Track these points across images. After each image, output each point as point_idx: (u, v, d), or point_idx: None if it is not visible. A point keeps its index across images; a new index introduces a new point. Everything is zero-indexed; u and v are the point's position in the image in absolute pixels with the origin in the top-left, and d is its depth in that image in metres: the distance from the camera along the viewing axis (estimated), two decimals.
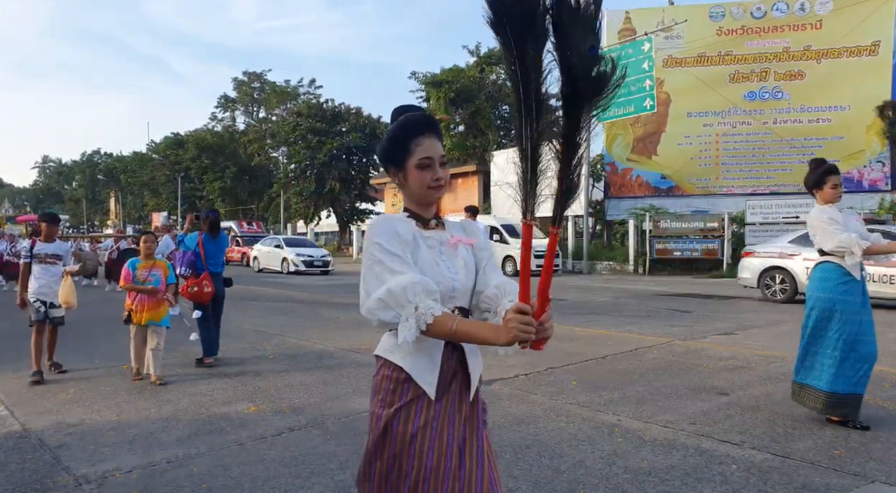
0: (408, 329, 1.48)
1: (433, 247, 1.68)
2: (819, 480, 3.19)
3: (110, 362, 6.38)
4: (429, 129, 1.69)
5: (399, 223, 1.65)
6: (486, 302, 1.72)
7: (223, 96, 55.99)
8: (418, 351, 1.57)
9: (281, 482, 3.23)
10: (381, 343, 1.70)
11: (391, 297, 1.49)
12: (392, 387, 1.61)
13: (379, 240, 1.57)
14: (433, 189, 1.68)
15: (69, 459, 3.61)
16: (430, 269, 1.62)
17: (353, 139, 35.54)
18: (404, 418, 1.59)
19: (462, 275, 1.69)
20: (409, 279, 1.50)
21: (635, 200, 23.64)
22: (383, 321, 1.52)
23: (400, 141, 1.67)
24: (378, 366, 1.68)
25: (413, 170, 1.66)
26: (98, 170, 77.96)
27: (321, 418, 4.37)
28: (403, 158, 1.67)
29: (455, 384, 1.65)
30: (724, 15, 23.08)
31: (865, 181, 21.60)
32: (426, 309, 1.48)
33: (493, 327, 1.51)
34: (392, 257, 1.55)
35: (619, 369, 5.86)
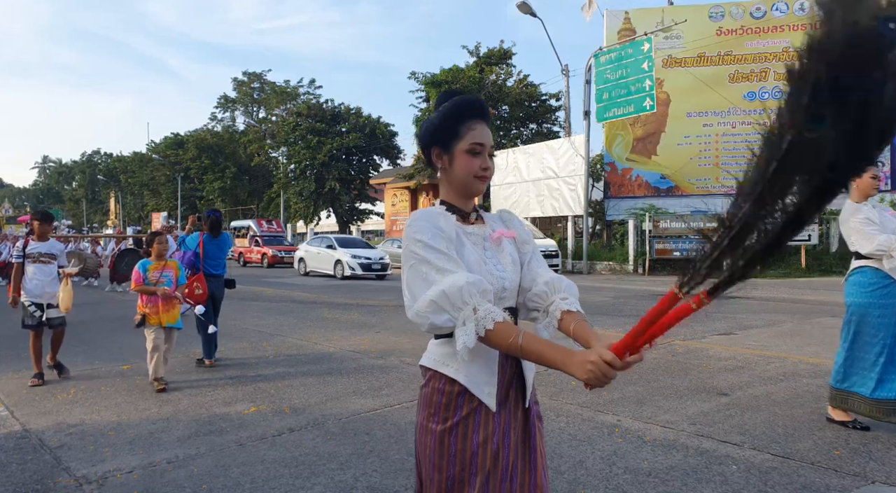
0: (466, 335, 1.35)
1: (477, 243, 1.57)
2: (819, 480, 3.19)
3: (110, 363, 6.38)
4: (483, 115, 1.58)
5: (440, 218, 1.51)
6: (536, 300, 1.61)
7: (223, 96, 55.93)
8: (473, 359, 1.44)
9: (281, 483, 3.23)
10: (428, 353, 1.58)
11: (445, 299, 1.36)
12: (445, 401, 1.49)
13: (422, 237, 1.45)
14: (479, 179, 1.57)
15: (70, 459, 3.61)
16: (478, 268, 1.50)
17: (353, 139, 35.52)
18: (462, 434, 1.46)
19: (510, 272, 1.58)
20: (463, 279, 1.37)
21: (635, 200, 23.64)
22: (436, 326, 1.39)
23: (452, 121, 1.56)
24: (426, 377, 1.56)
25: (461, 155, 1.55)
26: (98, 170, 77.89)
27: (321, 418, 4.38)
28: (452, 141, 1.56)
29: (512, 393, 1.54)
30: (723, 15, 23.08)
31: None
32: (485, 313, 1.36)
33: (566, 354, 1.33)
34: (438, 255, 1.42)
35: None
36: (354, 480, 3.26)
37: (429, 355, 1.57)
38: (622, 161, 24.67)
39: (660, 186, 24.19)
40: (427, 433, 1.51)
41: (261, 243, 28.78)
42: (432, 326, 1.39)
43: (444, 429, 1.47)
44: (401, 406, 4.66)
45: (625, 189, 24.66)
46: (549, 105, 31.52)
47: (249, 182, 48.90)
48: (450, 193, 1.62)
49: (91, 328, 8.71)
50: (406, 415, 4.42)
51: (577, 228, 24.45)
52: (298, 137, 36.67)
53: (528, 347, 1.36)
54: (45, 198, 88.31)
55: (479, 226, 1.62)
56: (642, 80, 20.60)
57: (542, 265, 1.67)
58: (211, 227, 6.50)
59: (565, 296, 1.59)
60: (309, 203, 37.44)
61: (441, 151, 1.58)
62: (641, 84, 20.65)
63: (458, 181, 1.58)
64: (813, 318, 9.18)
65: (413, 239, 1.46)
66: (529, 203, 25.13)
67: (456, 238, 1.51)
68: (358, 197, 38.39)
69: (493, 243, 1.60)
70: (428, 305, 1.38)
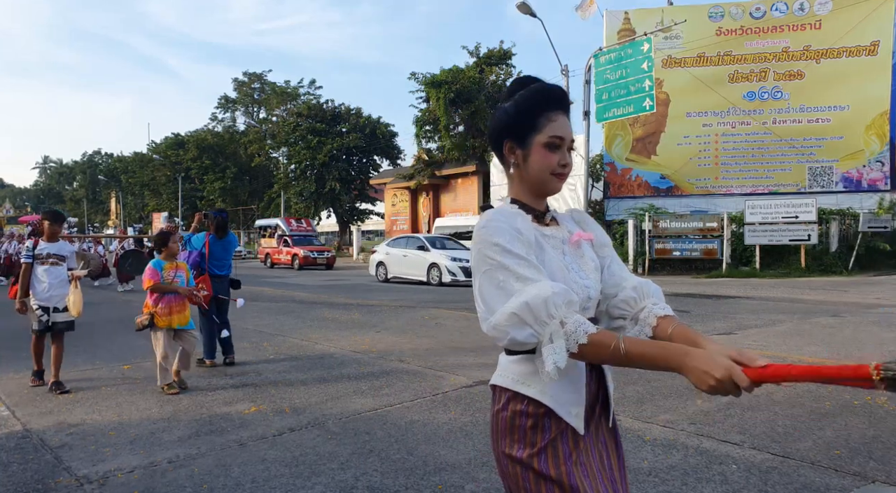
0: (556, 352, 1.21)
1: (556, 248, 1.42)
2: (819, 480, 3.19)
3: (111, 363, 6.39)
4: (564, 105, 1.43)
5: (518, 218, 1.35)
6: (623, 307, 1.47)
7: (223, 97, 55.97)
8: (558, 378, 1.27)
9: (282, 482, 3.23)
10: (502, 371, 1.41)
11: (528, 311, 1.21)
12: (530, 425, 1.33)
13: (499, 240, 1.29)
14: (557, 177, 1.42)
15: (71, 459, 3.62)
16: (561, 275, 1.35)
17: (353, 139, 35.54)
18: (552, 461, 1.32)
19: (594, 280, 1.43)
20: (548, 289, 1.23)
21: (635, 200, 23.65)
22: (517, 341, 1.25)
23: (530, 112, 1.40)
24: (502, 400, 1.39)
25: (539, 149, 1.40)
26: (99, 170, 77.92)
27: (322, 418, 4.38)
28: (529, 134, 1.40)
29: (597, 410, 1.42)
30: (723, 15, 23.09)
31: (865, 181, 21.59)
32: (576, 326, 1.21)
33: (681, 353, 1.17)
34: (518, 262, 1.27)
35: (619, 369, 5.85)
36: (355, 479, 3.26)
37: (503, 373, 1.40)
38: (622, 161, 24.68)
39: (659, 186, 24.19)
40: (515, 462, 1.35)
41: (291, 244, 27.09)
42: (512, 341, 1.25)
43: (533, 454, 1.32)
44: (401, 406, 4.67)
45: (624, 189, 24.66)
46: None
47: (250, 182, 48.93)
48: (522, 191, 1.46)
49: (92, 329, 8.71)
50: (406, 415, 4.43)
51: None
52: (299, 137, 36.69)
53: (632, 351, 1.20)
54: (45, 198, 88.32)
55: (556, 228, 1.47)
56: (642, 80, 20.60)
57: (623, 269, 1.53)
58: (217, 227, 6.47)
59: (656, 301, 1.45)
60: (309, 203, 37.47)
61: (515, 145, 1.43)
62: (641, 84, 20.64)
63: (533, 178, 1.43)
64: (812, 318, 9.18)
65: (488, 242, 1.30)
66: None
67: (535, 241, 1.35)
68: (358, 197, 38.43)
69: (573, 247, 1.46)
70: (508, 318, 1.23)
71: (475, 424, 4.19)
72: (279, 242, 28.21)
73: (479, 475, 3.30)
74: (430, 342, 7.40)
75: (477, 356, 6.52)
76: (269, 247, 28.91)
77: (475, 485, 3.16)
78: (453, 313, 10.45)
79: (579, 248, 1.46)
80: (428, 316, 10.03)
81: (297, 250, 26.21)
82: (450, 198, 32.24)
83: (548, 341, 1.22)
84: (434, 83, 28.98)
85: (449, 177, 31.82)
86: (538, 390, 1.33)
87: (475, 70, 30.23)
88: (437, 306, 11.38)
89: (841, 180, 21.72)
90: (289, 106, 46.89)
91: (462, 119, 30.10)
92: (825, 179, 21.84)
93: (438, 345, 7.22)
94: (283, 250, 27.12)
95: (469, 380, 5.47)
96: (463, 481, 3.22)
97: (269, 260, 28.16)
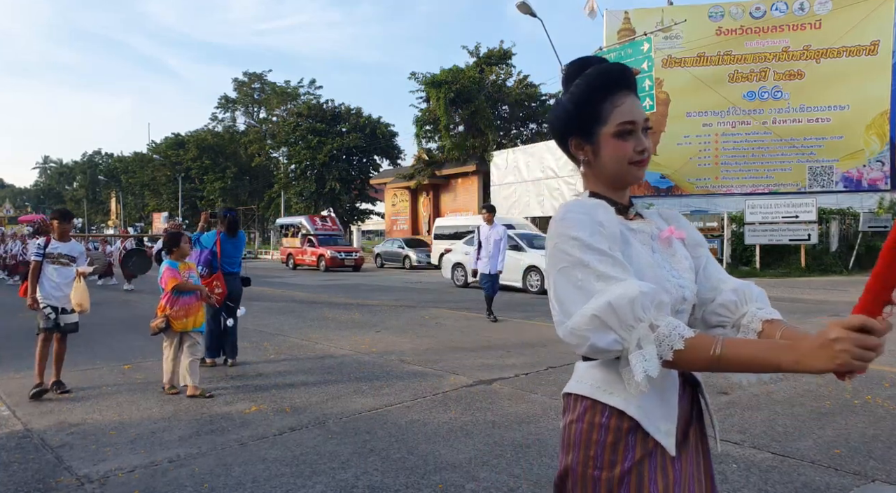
0: (647, 360, 1.06)
1: (645, 243, 1.27)
2: (819, 479, 3.20)
3: (112, 362, 6.39)
4: (628, 83, 1.27)
5: (600, 210, 1.20)
6: (722, 313, 1.32)
7: (223, 97, 55.94)
8: (647, 389, 1.11)
9: (282, 482, 3.24)
10: (579, 378, 1.27)
11: (611, 314, 1.07)
12: (612, 440, 1.16)
13: (578, 233, 1.15)
14: (635, 165, 1.26)
15: (71, 458, 3.62)
16: (651, 273, 1.20)
17: (354, 139, 35.55)
18: (636, 484, 1.14)
19: (689, 280, 1.28)
20: (635, 288, 1.08)
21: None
22: (598, 348, 1.09)
23: (591, 102, 1.26)
24: (577, 409, 1.24)
25: (609, 140, 1.25)
26: (99, 170, 77.94)
27: (322, 417, 4.39)
28: (594, 126, 1.26)
29: (691, 430, 1.25)
30: (723, 15, 23.09)
31: (865, 181, 21.59)
32: (670, 329, 1.06)
33: (788, 347, 1.01)
34: (601, 258, 1.13)
35: None
36: (355, 479, 3.26)
37: (581, 380, 1.26)
38: None
39: (659, 186, 24.19)
40: (589, 482, 1.17)
41: (316, 244, 25.39)
42: (593, 348, 1.10)
43: (614, 477, 1.15)
44: (402, 405, 4.67)
45: None
46: (548, 105, 31.51)
47: (250, 182, 48.93)
48: (599, 185, 1.32)
49: (92, 329, 8.71)
50: (407, 414, 4.43)
51: None
52: (299, 137, 36.71)
53: (732, 355, 1.03)
54: (45, 198, 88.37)
55: (643, 222, 1.32)
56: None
57: (721, 271, 1.38)
58: (228, 226, 6.51)
59: (761, 305, 1.29)
60: (310, 203, 37.46)
61: (581, 141, 1.29)
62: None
63: (609, 172, 1.28)
64: (812, 317, 9.19)
65: (566, 236, 1.16)
66: (529, 203, 25.14)
67: (620, 235, 1.21)
68: (358, 197, 38.43)
69: (663, 244, 1.30)
70: (588, 321, 1.08)
71: (475, 423, 4.19)
72: (303, 242, 26.46)
73: (480, 474, 3.30)
74: (430, 342, 7.40)
75: (477, 356, 6.52)
76: (292, 247, 27.31)
77: (476, 484, 3.17)
78: (454, 312, 10.46)
79: (670, 245, 1.31)
80: (428, 316, 10.03)
81: (323, 250, 24.62)
82: (450, 198, 32.24)
83: (635, 348, 1.07)
84: (434, 83, 28.98)
85: (449, 177, 31.83)
86: (622, 400, 1.16)
87: (475, 70, 30.25)
88: (437, 306, 11.39)
89: (841, 180, 21.72)
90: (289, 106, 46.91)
91: (462, 119, 30.11)
92: (825, 179, 21.84)
93: (439, 345, 7.23)
94: (307, 251, 25.42)
95: (469, 380, 5.47)
96: (463, 480, 3.22)
97: (292, 261, 26.67)
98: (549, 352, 6.73)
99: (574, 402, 1.25)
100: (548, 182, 24.22)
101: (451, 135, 29.91)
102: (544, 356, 6.48)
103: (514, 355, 6.60)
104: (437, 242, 24.51)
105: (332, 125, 36.61)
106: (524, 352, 6.76)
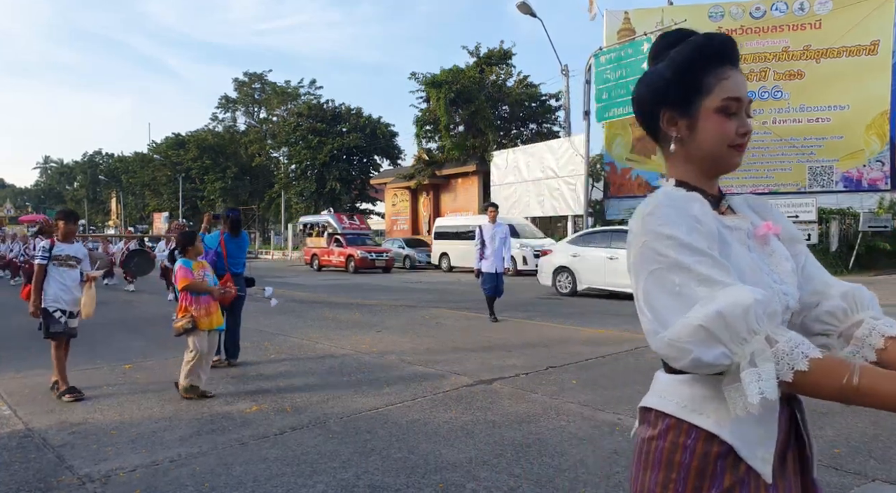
0: (763, 379, 0.92)
1: (743, 243, 1.12)
2: (819, 478, 3.19)
3: (112, 362, 6.39)
4: (733, 59, 1.15)
5: (695, 204, 1.07)
6: (827, 321, 1.16)
7: (224, 97, 55.98)
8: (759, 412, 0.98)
9: (283, 481, 3.24)
10: (663, 393, 1.14)
11: (721, 324, 0.93)
12: (698, 465, 1.04)
13: (673, 232, 1.02)
14: (735, 149, 1.13)
15: (72, 458, 3.63)
16: (754, 278, 1.06)
17: (354, 139, 35.58)
18: None
19: (791, 285, 1.13)
20: (748, 295, 0.94)
21: (635, 200, 23.64)
22: (702, 363, 0.95)
23: (694, 71, 1.12)
24: (659, 426, 1.11)
25: (710, 116, 1.12)
26: (99, 170, 77.98)
27: (323, 417, 4.39)
28: (694, 98, 1.13)
29: (789, 454, 1.12)
30: (723, 15, 23.10)
31: (865, 181, 21.60)
32: (791, 346, 0.93)
33: None
34: (701, 259, 1.00)
35: (620, 368, 5.87)
36: (356, 478, 3.27)
37: (664, 396, 1.13)
38: (622, 161, 24.70)
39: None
40: None
41: (344, 243, 23.73)
42: (695, 362, 0.96)
43: None
44: (402, 405, 4.68)
45: (624, 189, 24.68)
46: (548, 105, 31.55)
47: (250, 182, 48.96)
48: (688, 171, 1.17)
49: (94, 328, 8.72)
50: (407, 414, 4.44)
51: (577, 228, 24.44)
52: (299, 137, 36.74)
53: (873, 388, 0.89)
54: (46, 198, 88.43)
55: (737, 217, 1.17)
56: None
57: (824, 271, 1.23)
58: (231, 226, 6.49)
59: (875, 314, 1.14)
60: (310, 203, 37.49)
61: (675, 115, 1.16)
62: None
63: (704, 153, 1.14)
64: None
65: (658, 234, 1.03)
66: (529, 203, 25.16)
67: (718, 235, 1.07)
68: (358, 197, 38.47)
69: (759, 243, 1.15)
70: (693, 332, 0.95)
71: (476, 423, 4.20)
72: (329, 242, 24.88)
73: (481, 473, 3.31)
74: (430, 342, 7.41)
75: (478, 356, 6.53)
76: (317, 247, 25.64)
77: (476, 484, 3.17)
78: (454, 312, 10.46)
79: (767, 244, 1.16)
80: (428, 316, 10.04)
81: (351, 250, 22.99)
82: (450, 198, 32.25)
83: (748, 365, 0.93)
84: (434, 83, 29.00)
85: (449, 177, 31.83)
86: (714, 422, 1.03)
87: (475, 70, 30.26)
88: (437, 306, 11.39)
89: (841, 180, 21.72)
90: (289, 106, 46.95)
91: (462, 119, 30.12)
92: (825, 179, 21.85)
93: (439, 344, 7.23)
94: (334, 251, 23.88)
95: (470, 379, 5.48)
96: (464, 479, 3.23)
97: (317, 262, 24.98)
98: (549, 352, 6.74)
99: (655, 418, 1.12)
100: (548, 182, 24.23)
101: (452, 135, 29.92)
102: (545, 356, 6.49)
103: (514, 354, 6.61)
104: (437, 241, 24.52)
105: (333, 125, 36.64)
106: (525, 352, 6.77)
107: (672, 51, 1.17)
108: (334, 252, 23.83)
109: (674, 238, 1.01)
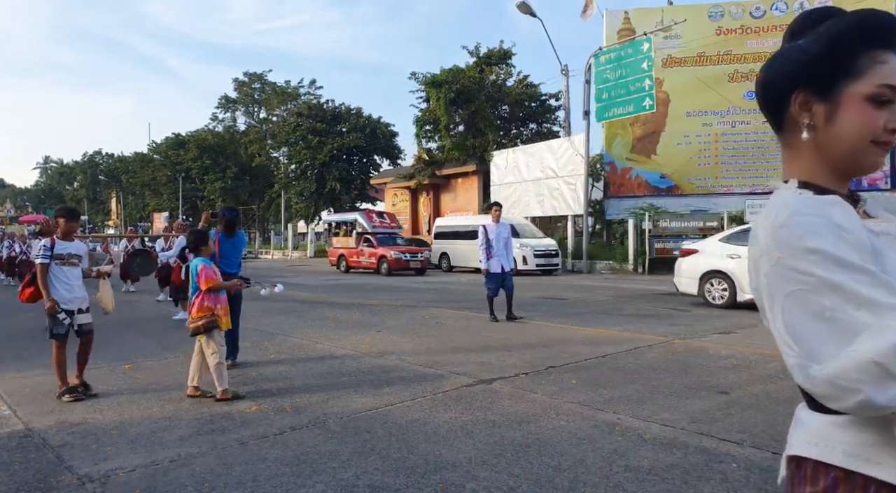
0: None
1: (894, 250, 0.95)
2: None
3: (112, 362, 6.39)
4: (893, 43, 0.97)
5: (836, 209, 0.91)
6: None
7: (224, 97, 55.98)
8: None
9: (283, 481, 3.24)
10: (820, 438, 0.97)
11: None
12: None
13: (818, 245, 0.86)
14: (880, 146, 0.97)
15: (72, 458, 3.63)
16: None
17: (354, 139, 35.58)
18: None
19: None
20: None
21: (635, 200, 23.66)
22: (875, 405, 0.80)
23: (847, 49, 0.96)
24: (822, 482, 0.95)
25: (856, 103, 0.96)
26: (99, 170, 78.01)
27: (323, 417, 4.39)
28: (840, 80, 0.97)
29: None
30: (723, 15, 23.11)
31: (865, 180, 21.58)
32: None
33: None
34: (858, 277, 0.84)
35: (619, 368, 5.87)
36: (356, 478, 3.27)
37: (823, 441, 0.96)
38: (622, 161, 24.70)
39: (659, 186, 24.22)
40: None
41: (375, 243, 22.14)
42: (866, 404, 0.81)
43: None
44: (402, 405, 4.68)
45: (624, 189, 24.68)
46: (548, 105, 31.58)
47: (250, 182, 48.97)
48: (818, 169, 1.01)
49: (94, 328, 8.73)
50: (407, 414, 4.44)
51: (576, 228, 24.47)
52: (299, 137, 36.74)
53: None
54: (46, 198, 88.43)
55: (883, 222, 1.00)
56: (642, 79, 20.61)
57: None
58: (226, 226, 6.42)
59: None
60: (310, 203, 37.49)
61: (813, 98, 0.99)
62: (641, 84, 20.66)
63: (841, 147, 0.98)
64: None
65: (798, 248, 0.87)
66: (529, 203, 25.17)
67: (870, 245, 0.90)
68: (358, 197, 38.44)
69: None
70: (863, 369, 0.80)
71: (476, 423, 4.20)
72: (358, 242, 23.16)
73: (480, 473, 3.31)
74: (430, 342, 7.40)
75: (478, 356, 6.53)
76: (345, 247, 23.84)
77: (476, 483, 3.17)
78: (454, 312, 10.46)
79: None
80: (428, 316, 10.04)
81: (384, 251, 21.43)
82: (450, 198, 32.27)
83: None
84: (434, 83, 29.01)
85: (449, 177, 31.85)
86: (893, 474, 0.87)
87: (475, 70, 30.28)
88: (437, 306, 11.39)
89: None
90: (289, 106, 46.95)
91: (462, 119, 30.14)
92: None
93: (439, 344, 7.23)
94: (364, 252, 22.31)
95: (470, 379, 5.48)
96: (464, 479, 3.23)
97: (345, 263, 23.33)
98: (549, 352, 6.74)
99: (814, 471, 0.95)
100: (548, 182, 24.24)
101: (451, 135, 29.94)
102: (545, 356, 6.49)
103: (514, 354, 6.61)
104: (437, 241, 24.53)
105: (333, 125, 36.64)
106: (525, 352, 6.77)
107: (820, 26, 1.00)
108: (364, 253, 22.29)
109: (819, 252, 0.85)
